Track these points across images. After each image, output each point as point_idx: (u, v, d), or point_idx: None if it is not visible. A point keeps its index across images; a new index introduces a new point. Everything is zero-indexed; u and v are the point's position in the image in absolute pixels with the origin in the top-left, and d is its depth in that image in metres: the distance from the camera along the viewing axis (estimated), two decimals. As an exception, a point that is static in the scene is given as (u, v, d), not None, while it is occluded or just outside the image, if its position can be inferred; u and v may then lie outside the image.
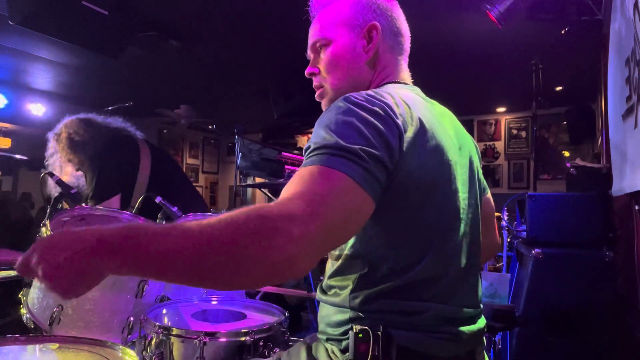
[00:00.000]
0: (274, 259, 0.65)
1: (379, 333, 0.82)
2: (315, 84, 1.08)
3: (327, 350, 0.92)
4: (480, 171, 1.10)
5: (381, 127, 0.79)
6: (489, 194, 1.19)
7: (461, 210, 0.92)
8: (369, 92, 0.87)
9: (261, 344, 1.22)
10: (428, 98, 1.04)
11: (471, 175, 0.99)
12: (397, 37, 1.06)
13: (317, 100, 1.10)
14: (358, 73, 1.03)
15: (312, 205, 0.68)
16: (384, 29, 1.03)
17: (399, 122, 0.82)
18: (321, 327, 0.96)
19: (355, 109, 0.81)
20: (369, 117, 0.79)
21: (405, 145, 0.81)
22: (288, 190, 0.72)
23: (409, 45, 1.11)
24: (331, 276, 0.94)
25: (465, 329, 0.90)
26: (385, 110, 0.82)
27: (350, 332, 0.85)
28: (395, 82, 1.03)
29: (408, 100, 0.89)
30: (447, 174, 0.90)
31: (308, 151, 0.78)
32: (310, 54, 1.09)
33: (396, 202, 0.82)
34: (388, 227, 0.85)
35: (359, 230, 0.80)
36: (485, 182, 1.15)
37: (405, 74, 1.09)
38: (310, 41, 1.09)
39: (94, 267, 0.66)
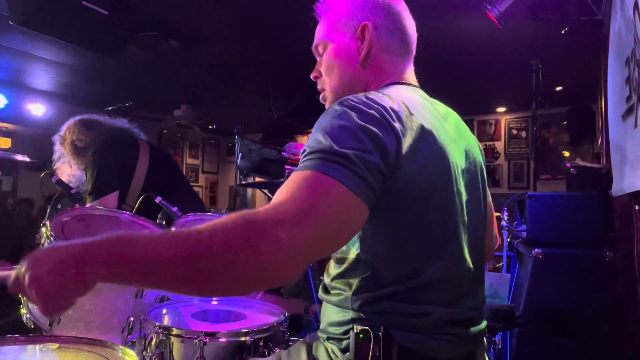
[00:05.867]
0: (262, 265, 0.64)
1: (380, 334, 0.81)
2: (319, 87, 1.08)
3: (327, 350, 0.92)
4: (485, 173, 1.07)
5: (377, 131, 0.77)
6: (489, 198, 1.16)
7: (465, 215, 0.91)
8: (368, 94, 0.85)
9: (261, 344, 1.21)
10: (431, 99, 1.01)
11: (475, 178, 0.98)
12: (396, 35, 1.02)
13: (322, 102, 1.09)
14: (353, 74, 1.02)
15: (302, 211, 0.67)
16: (380, 27, 1.00)
17: (397, 125, 0.80)
18: (322, 325, 0.96)
19: (351, 112, 0.79)
20: (363, 121, 0.78)
21: (403, 149, 0.79)
22: (279, 195, 0.71)
23: (415, 43, 1.06)
24: (334, 278, 0.93)
25: (467, 330, 0.89)
26: (382, 113, 0.80)
27: (351, 332, 0.84)
28: (396, 83, 1.00)
29: (408, 103, 0.87)
30: (449, 178, 0.88)
31: (303, 155, 0.78)
32: (316, 57, 1.10)
33: (398, 207, 0.81)
34: (391, 232, 0.84)
35: (353, 237, 0.79)
36: (487, 187, 1.13)
37: (409, 74, 1.05)
38: (313, 45, 1.09)
39: (78, 276, 0.66)
